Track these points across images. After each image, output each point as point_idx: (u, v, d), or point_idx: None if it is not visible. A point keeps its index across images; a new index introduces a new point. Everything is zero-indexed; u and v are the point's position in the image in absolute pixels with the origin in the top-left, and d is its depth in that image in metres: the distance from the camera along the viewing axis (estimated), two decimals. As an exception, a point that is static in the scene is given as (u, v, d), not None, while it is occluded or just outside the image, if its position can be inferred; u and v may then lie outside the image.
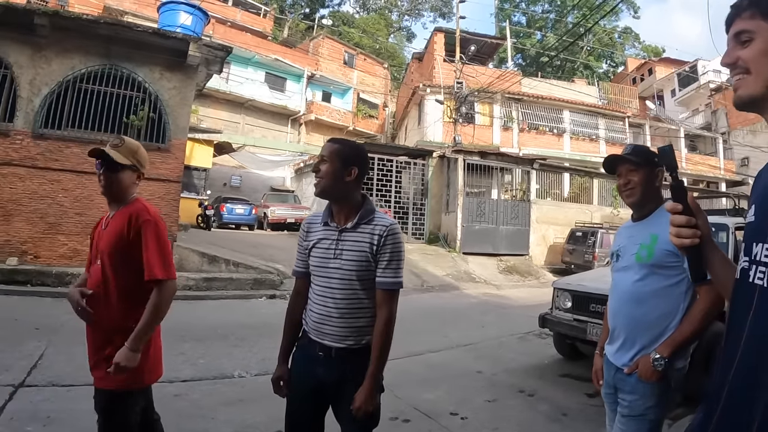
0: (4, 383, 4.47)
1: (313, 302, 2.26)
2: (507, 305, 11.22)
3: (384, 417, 4.13)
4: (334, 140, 2.36)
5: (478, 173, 18.65)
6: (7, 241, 9.76)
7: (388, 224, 2.23)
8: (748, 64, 1.17)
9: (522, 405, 4.94)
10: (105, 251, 2.37)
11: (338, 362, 2.21)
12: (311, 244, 2.28)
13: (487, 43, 29.30)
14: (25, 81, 10.15)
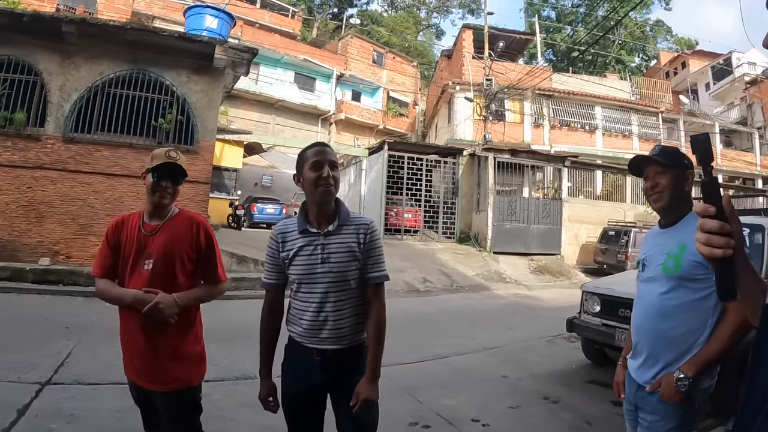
0: (31, 381, 4.56)
1: (303, 310, 2.25)
2: (537, 307, 11.06)
3: (404, 422, 4.17)
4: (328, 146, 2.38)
5: (509, 171, 18.48)
6: (39, 242, 10.04)
7: (368, 222, 2.36)
8: None
9: (545, 412, 4.82)
10: (162, 257, 2.43)
11: (336, 364, 2.25)
12: (291, 254, 2.24)
13: (516, 39, 28.98)
14: (55, 87, 10.42)
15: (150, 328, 2.36)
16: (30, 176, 10.15)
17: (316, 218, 2.27)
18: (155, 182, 2.42)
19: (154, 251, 2.44)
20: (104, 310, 7.94)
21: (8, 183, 10.04)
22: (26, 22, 10.05)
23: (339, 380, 2.26)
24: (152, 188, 2.43)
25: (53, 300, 8.38)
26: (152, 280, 2.39)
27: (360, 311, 2.31)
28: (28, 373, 4.74)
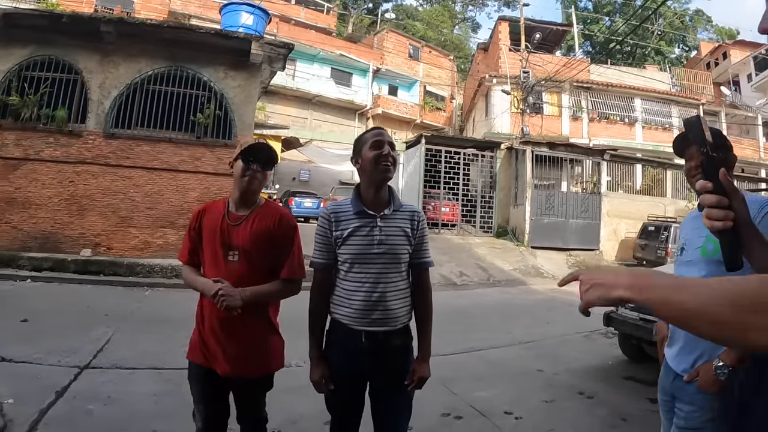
0: (71, 364, 4.70)
1: (353, 290, 2.27)
2: (574, 302, 10.55)
3: (436, 412, 4.16)
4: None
5: (547, 165, 18.27)
6: (81, 233, 10.34)
7: (419, 210, 2.50)
8: None
9: (580, 407, 4.72)
10: (248, 248, 2.41)
11: (384, 346, 2.29)
12: (346, 233, 2.27)
13: (553, 31, 28.54)
14: (95, 85, 10.71)
15: (225, 316, 2.34)
16: (72, 171, 10.44)
17: (372, 201, 2.33)
18: (244, 166, 2.41)
19: (240, 243, 2.42)
20: (144, 300, 8.21)
21: (51, 177, 10.34)
22: (65, 23, 10.35)
23: (386, 362, 2.31)
24: (242, 172, 2.41)
25: (94, 289, 8.60)
26: (236, 272, 2.38)
27: (407, 294, 2.39)
28: (68, 357, 4.89)
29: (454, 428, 4.08)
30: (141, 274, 9.70)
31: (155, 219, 10.70)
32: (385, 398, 2.36)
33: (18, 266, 9.28)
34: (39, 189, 10.22)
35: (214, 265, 2.42)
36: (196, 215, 2.52)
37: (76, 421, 3.62)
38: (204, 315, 2.45)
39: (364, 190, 2.35)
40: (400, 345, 2.37)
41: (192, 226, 2.51)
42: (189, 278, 2.51)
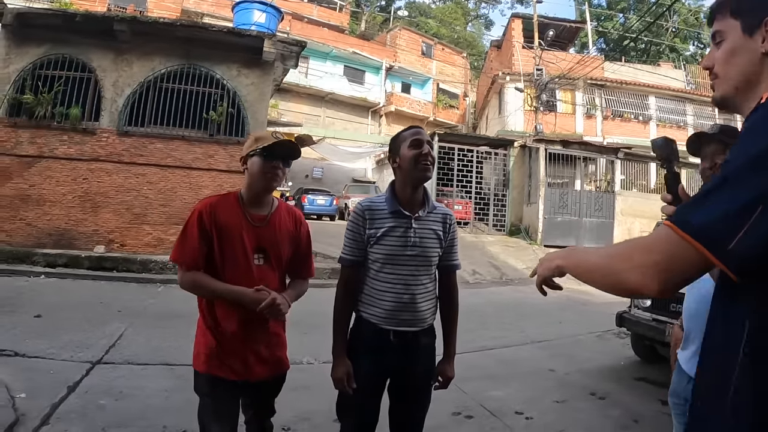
0: (84, 360, 4.74)
1: (384, 290, 2.27)
2: (587, 302, 10.79)
3: (447, 411, 4.14)
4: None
5: (561, 163, 18.20)
6: (95, 230, 10.43)
7: (449, 212, 2.48)
8: (717, 68, 1.19)
9: (592, 408, 4.70)
10: (276, 250, 2.35)
11: (412, 346, 2.31)
12: (380, 232, 2.25)
13: (567, 28, 28.33)
14: (108, 83, 10.79)
15: (255, 320, 2.25)
16: (86, 168, 10.52)
17: (408, 201, 2.31)
18: (266, 162, 2.26)
19: (266, 245, 2.33)
20: (157, 296, 8.25)
21: (65, 175, 10.42)
22: (79, 22, 10.43)
23: (412, 362, 2.32)
24: (262, 169, 2.26)
25: (107, 285, 8.68)
26: (261, 275, 2.28)
27: (434, 295, 2.41)
28: (81, 352, 4.93)
29: (464, 427, 4.07)
30: (154, 270, 9.77)
31: (168, 216, 10.76)
32: (407, 396, 2.36)
33: (32, 262, 9.38)
34: (53, 186, 10.31)
35: (239, 269, 2.25)
36: (208, 213, 2.23)
37: (88, 416, 3.63)
38: (219, 321, 2.26)
39: (400, 190, 2.32)
40: (427, 344, 2.38)
41: (204, 225, 2.22)
42: (213, 286, 2.22)
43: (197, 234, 2.21)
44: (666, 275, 0.96)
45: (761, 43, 1.10)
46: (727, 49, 1.17)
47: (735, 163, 0.96)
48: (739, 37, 1.15)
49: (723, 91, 1.19)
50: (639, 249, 1.03)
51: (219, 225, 2.24)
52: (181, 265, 2.24)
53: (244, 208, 2.31)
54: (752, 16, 1.12)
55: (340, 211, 21.62)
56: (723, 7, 1.19)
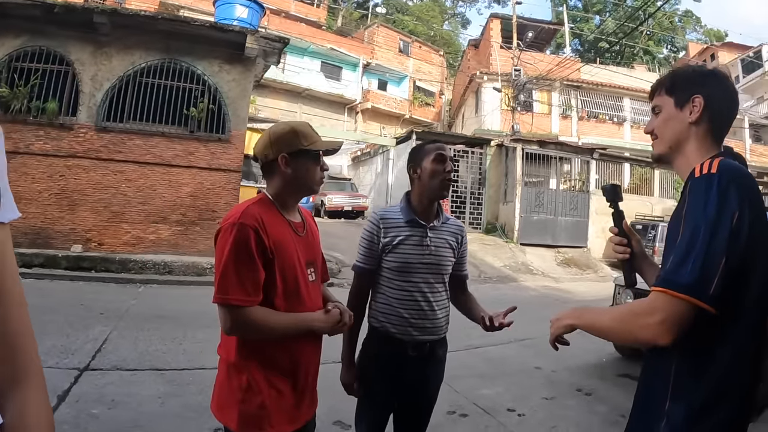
0: (70, 366, 4.63)
1: (401, 299, 2.29)
2: (567, 299, 11.01)
3: (441, 410, 4.19)
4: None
5: (537, 162, 18.36)
6: (72, 229, 10.20)
7: (461, 224, 2.54)
8: (656, 131, 1.59)
9: (580, 404, 4.85)
10: (320, 260, 2.09)
11: (428, 357, 2.34)
12: (396, 241, 2.28)
13: (545, 29, 28.68)
14: (87, 77, 10.52)
15: (310, 350, 1.93)
16: (63, 165, 10.26)
17: (423, 212, 2.34)
18: (318, 165, 1.95)
19: (314, 257, 2.02)
20: (138, 296, 8.14)
21: (41, 171, 10.15)
22: (58, 14, 10.13)
23: (428, 377, 2.38)
24: (317, 174, 1.95)
25: (86, 286, 8.50)
26: (313, 293, 1.97)
27: (448, 304, 2.45)
28: (67, 358, 4.82)
29: (460, 425, 4.15)
30: (133, 270, 9.62)
31: (148, 214, 10.58)
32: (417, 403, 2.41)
33: (8, 263, 9.15)
34: (29, 183, 10.03)
35: (298, 291, 1.86)
36: (262, 227, 1.76)
37: (81, 426, 3.56)
38: (275, 365, 1.81)
39: (417, 200, 2.36)
40: (441, 357, 2.43)
41: (263, 244, 1.75)
42: (282, 321, 1.79)
43: (256, 257, 1.72)
44: (674, 328, 1.24)
45: (689, 115, 1.49)
46: (664, 118, 1.55)
47: (698, 228, 1.27)
48: (672, 109, 1.53)
49: (659, 150, 1.59)
50: (644, 311, 1.29)
51: (276, 241, 1.80)
52: (238, 303, 1.69)
53: (282, 216, 1.92)
54: (682, 95, 1.51)
55: (316, 208, 21.56)
56: (661, 86, 1.58)
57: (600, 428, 4.33)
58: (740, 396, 1.33)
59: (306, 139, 1.90)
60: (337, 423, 3.87)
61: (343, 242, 12.87)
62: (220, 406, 1.82)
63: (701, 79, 1.52)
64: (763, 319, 1.36)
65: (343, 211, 20.56)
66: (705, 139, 1.49)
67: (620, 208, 1.79)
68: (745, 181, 1.33)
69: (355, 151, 26.86)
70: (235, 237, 1.71)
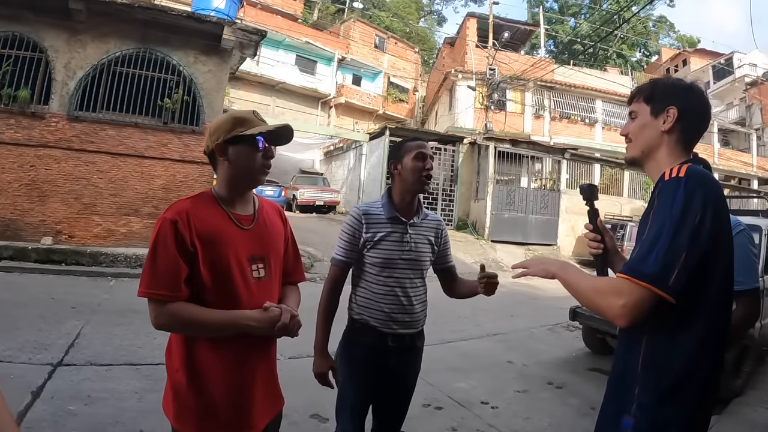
0: (43, 362, 4.56)
1: (383, 294, 2.36)
2: (537, 296, 11.18)
3: (417, 403, 4.26)
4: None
5: (509, 161, 18.55)
6: (42, 221, 9.98)
7: (440, 219, 2.63)
8: (630, 135, 1.70)
9: (552, 397, 4.99)
10: (273, 256, 1.92)
11: (408, 348, 2.44)
12: (378, 237, 2.34)
13: (520, 30, 28.98)
14: (60, 65, 10.27)
15: (254, 352, 1.83)
16: (34, 154, 10.02)
17: (404, 208, 2.42)
18: (259, 151, 1.81)
19: (264, 252, 1.88)
20: (110, 290, 8.05)
21: (11, 161, 9.91)
22: (34, -1, 9.91)
23: (408, 366, 2.47)
24: (256, 161, 1.82)
25: (57, 279, 8.34)
26: (262, 291, 1.83)
27: (426, 298, 2.53)
28: (40, 353, 4.75)
29: (436, 418, 4.24)
30: (104, 263, 9.46)
31: (119, 206, 10.41)
32: (397, 392, 2.48)
33: (-25, 255, 8.93)
34: (-2, 173, 9.82)
35: (235, 288, 1.75)
36: (185, 221, 1.69)
37: (59, 423, 3.51)
38: (207, 368, 1.74)
39: (398, 197, 2.43)
40: (419, 347, 2.52)
41: (182, 238, 1.68)
42: (207, 318, 1.68)
43: (175, 251, 1.66)
44: (633, 312, 1.36)
45: (662, 124, 1.61)
46: (639, 124, 1.67)
47: (663, 225, 1.39)
48: (648, 117, 1.65)
49: (632, 153, 1.70)
50: (612, 291, 1.40)
51: (202, 235, 1.71)
52: (158, 297, 1.65)
53: (225, 208, 1.82)
54: (659, 104, 1.62)
55: (288, 203, 21.49)
56: (640, 93, 1.70)
57: (572, 420, 4.47)
58: (704, 382, 1.44)
59: (244, 125, 1.80)
60: (315, 416, 3.92)
61: (315, 237, 12.88)
62: (165, 399, 1.82)
63: (679, 91, 1.63)
64: (725, 311, 1.51)
65: (314, 206, 20.51)
66: (675, 147, 1.61)
67: (595, 206, 1.90)
68: (710, 185, 1.44)
69: (327, 146, 26.79)
70: (157, 232, 1.69)
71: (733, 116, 32.20)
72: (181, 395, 1.73)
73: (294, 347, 5.55)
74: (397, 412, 2.52)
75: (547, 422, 4.35)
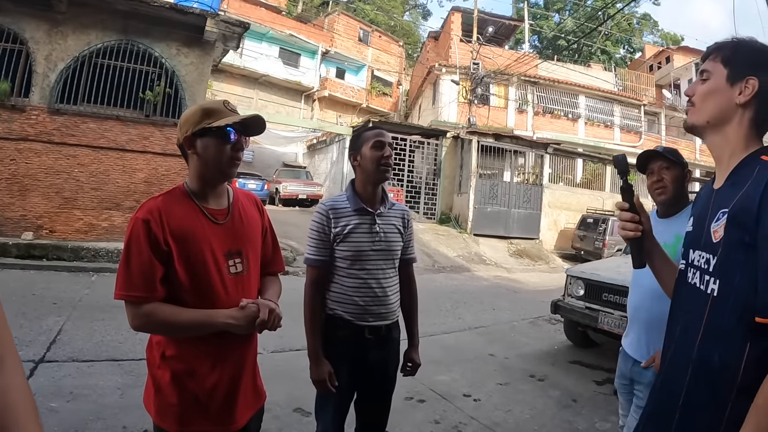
0: (25, 359, 4.50)
1: (356, 287, 2.32)
2: (518, 289, 11.29)
3: (400, 396, 4.29)
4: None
5: (492, 155, 18.62)
6: (23, 215, 9.85)
7: (406, 209, 2.59)
8: (695, 99, 1.41)
9: (533, 389, 5.04)
10: (250, 249, 1.88)
11: (385, 339, 2.40)
12: (347, 230, 2.30)
13: (505, 25, 29.00)
14: (41, 56, 10.11)
15: (237, 348, 1.81)
16: (14, 148, 9.86)
17: (369, 198, 2.38)
18: (228, 143, 1.76)
19: (240, 246, 1.83)
20: (91, 286, 7.99)
21: (-9, 155, 9.79)
22: (14, -11, 9.71)
23: (386, 357, 2.43)
24: (225, 153, 1.76)
25: (38, 275, 8.25)
26: (240, 286, 1.81)
27: (398, 288, 2.50)
28: (21, 350, 4.59)
29: (419, 410, 4.27)
30: (86, 258, 9.37)
31: (101, 200, 10.30)
32: (378, 386, 2.46)
33: (-46, 250, 8.78)
34: (-23, 168, 9.64)
35: (212, 285, 1.73)
36: (157, 219, 1.66)
37: (43, 421, 3.40)
38: (191, 364, 1.72)
39: (361, 188, 2.39)
40: (396, 338, 2.48)
41: (155, 238, 1.65)
42: (184, 319, 1.66)
43: (148, 251, 1.63)
44: None
45: (737, 95, 1.33)
46: (710, 88, 1.38)
47: None
48: (722, 82, 1.36)
49: (695, 120, 1.41)
50: None
51: (176, 233, 1.68)
52: (133, 299, 1.63)
53: (198, 203, 1.78)
54: (738, 71, 1.33)
55: (271, 196, 21.43)
56: (718, 52, 1.39)
57: (553, 411, 4.52)
58: None
59: (212, 116, 1.75)
60: (298, 410, 3.92)
61: (297, 230, 12.85)
62: (146, 394, 1.80)
63: (764, 62, 1.34)
64: None
65: (297, 199, 20.46)
66: (749, 127, 1.34)
67: (630, 182, 1.64)
68: None
69: (310, 139, 26.69)
70: (130, 232, 1.66)
71: (715, 113, 32.54)
72: (163, 391, 1.71)
73: (277, 341, 5.63)
74: (380, 408, 2.49)
75: (529, 414, 4.40)
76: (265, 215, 2.04)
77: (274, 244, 2.06)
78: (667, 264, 1.64)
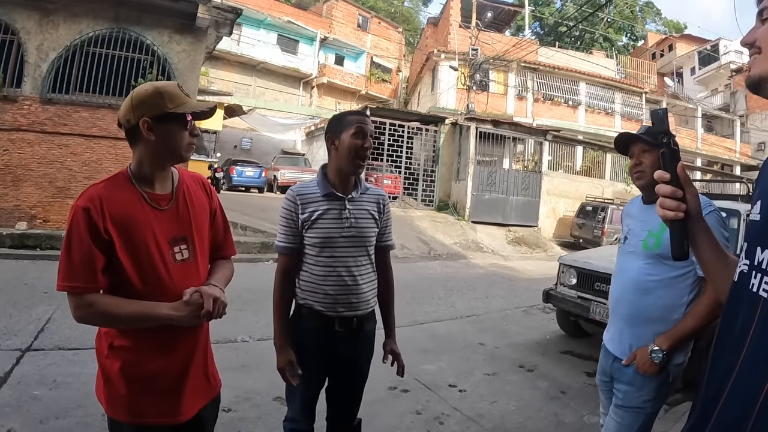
0: (13, 347, 4.55)
1: (325, 275, 2.24)
2: (514, 277, 11.22)
3: (383, 386, 4.25)
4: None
5: (490, 142, 18.51)
6: (16, 205, 9.83)
7: (383, 192, 2.46)
8: (761, 42, 1.02)
9: (521, 380, 4.97)
10: (196, 234, 1.81)
11: (357, 331, 2.32)
12: (315, 216, 2.21)
13: (505, 10, 28.80)
14: (32, 46, 10.04)
15: (185, 335, 1.77)
16: (6, 138, 9.82)
17: (340, 184, 2.29)
18: (186, 130, 1.73)
19: (185, 232, 1.78)
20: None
21: (-16, 147, 9.74)
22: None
23: (357, 351, 2.36)
24: (184, 139, 1.74)
25: (31, 265, 8.23)
26: (186, 274, 1.75)
27: (374, 278, 2.39)
28: (9, 339, 4.74)
29: (401, 401, 4.21)
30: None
31: (95, 190, 10.26)
32: (348, 378, 2.41)
33: (-52, 241, 8.77)
34: (-30, 158, 9.60)
35: (156, 274, 1.68)
36: (97, 208, 1.59)
37: (23, 408, 3.50)
38: (137, 352, 1.69)
39: (333, 173, 2.30)
40: (370, 330, 2.41)
41: (95, 227, 1.58)
42: (127, 311, 1.61)
43: (89, 241, 1.57)
44: None
45: None
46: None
47: None
48: None
49: (763, 69, 1.02)
50: None
51: (117, 221, 1.62)
52: (74, 290, 1.58)
53: (137, 188, 1.71)
54: None
55: (269, 183, 21.38)
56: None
57: (540, 403, 4.45)
58: None
59: (172, 100, 1.69)
60: (278, 399, 3.88)
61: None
62: (97, 385, 1.78)
63: None
64: None
65: (296, 186, 20.39)
66: None
67: (674, 146, 1.21)
68: None
69: (309, 126, 26.60)
70: (70, 221, 1.60)
71: (717, 102, 32.47)
72: (112, 382, 1.68)
73: (264, 330, 5.58)
74: (350, 399, 2.44)
75: (515, 406, 4.33)
76: (214, 197, 1.97)
77: (225, 227, 2.00)
78: (719, 257, 1.21)
